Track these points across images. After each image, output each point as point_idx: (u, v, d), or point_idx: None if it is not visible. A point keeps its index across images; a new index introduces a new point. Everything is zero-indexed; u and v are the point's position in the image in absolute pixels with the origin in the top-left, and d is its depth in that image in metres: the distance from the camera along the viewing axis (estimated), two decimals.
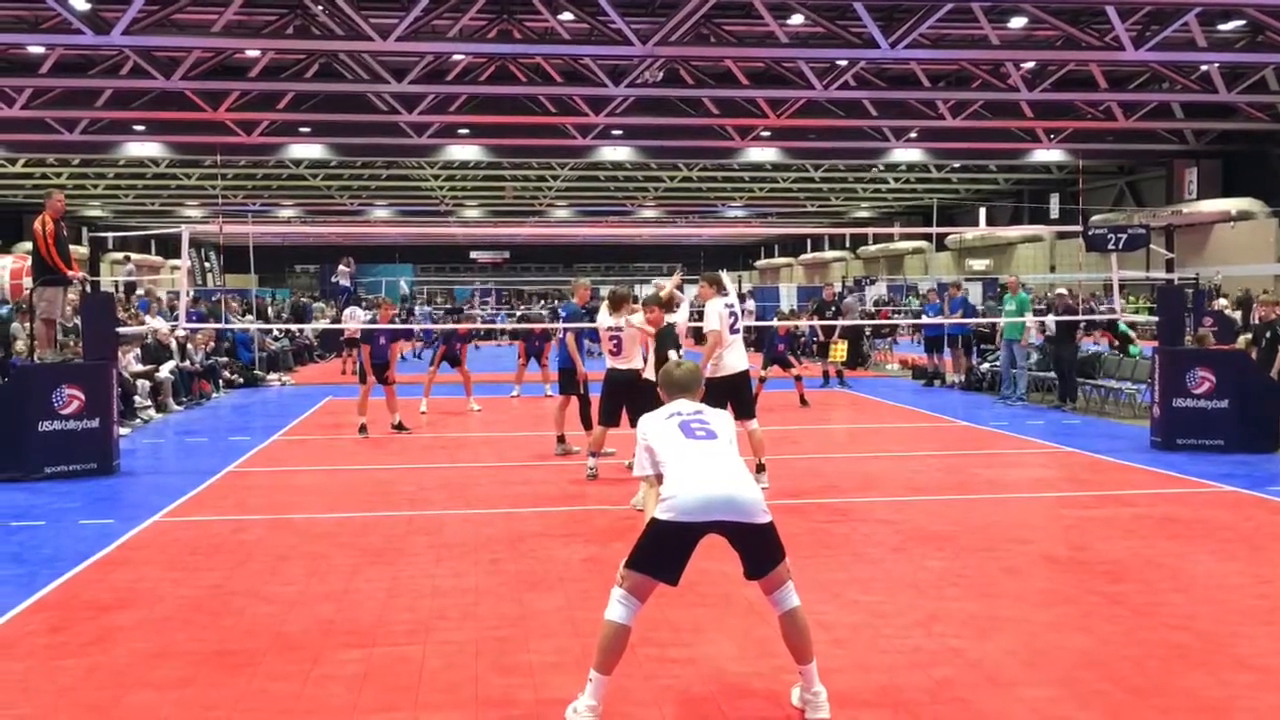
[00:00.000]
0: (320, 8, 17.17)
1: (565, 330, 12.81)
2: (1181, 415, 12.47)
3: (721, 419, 5.18)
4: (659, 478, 4.96)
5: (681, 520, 4.77)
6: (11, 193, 39.95)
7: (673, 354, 9.08)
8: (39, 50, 20.40)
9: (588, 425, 11.64)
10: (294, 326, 28.61)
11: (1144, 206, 37.50)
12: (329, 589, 6.94)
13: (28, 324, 14.41)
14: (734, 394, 9.95)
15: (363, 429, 14.00)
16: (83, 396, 11.18)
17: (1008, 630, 6.06)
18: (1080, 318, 18.07)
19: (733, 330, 10.20)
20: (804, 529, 8.58)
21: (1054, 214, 41.23)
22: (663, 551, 4.86)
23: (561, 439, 12.32)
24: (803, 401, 17.27)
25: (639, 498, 10.85)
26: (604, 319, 11.07)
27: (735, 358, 10.10)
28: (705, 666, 5.52)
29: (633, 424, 7.55)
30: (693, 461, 4.84)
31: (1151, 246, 16.12)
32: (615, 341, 10.74)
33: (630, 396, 10.13)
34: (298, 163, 34.65)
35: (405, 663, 5.59)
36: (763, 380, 16.40)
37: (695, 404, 5.25)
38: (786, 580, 4.96)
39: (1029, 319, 17.60)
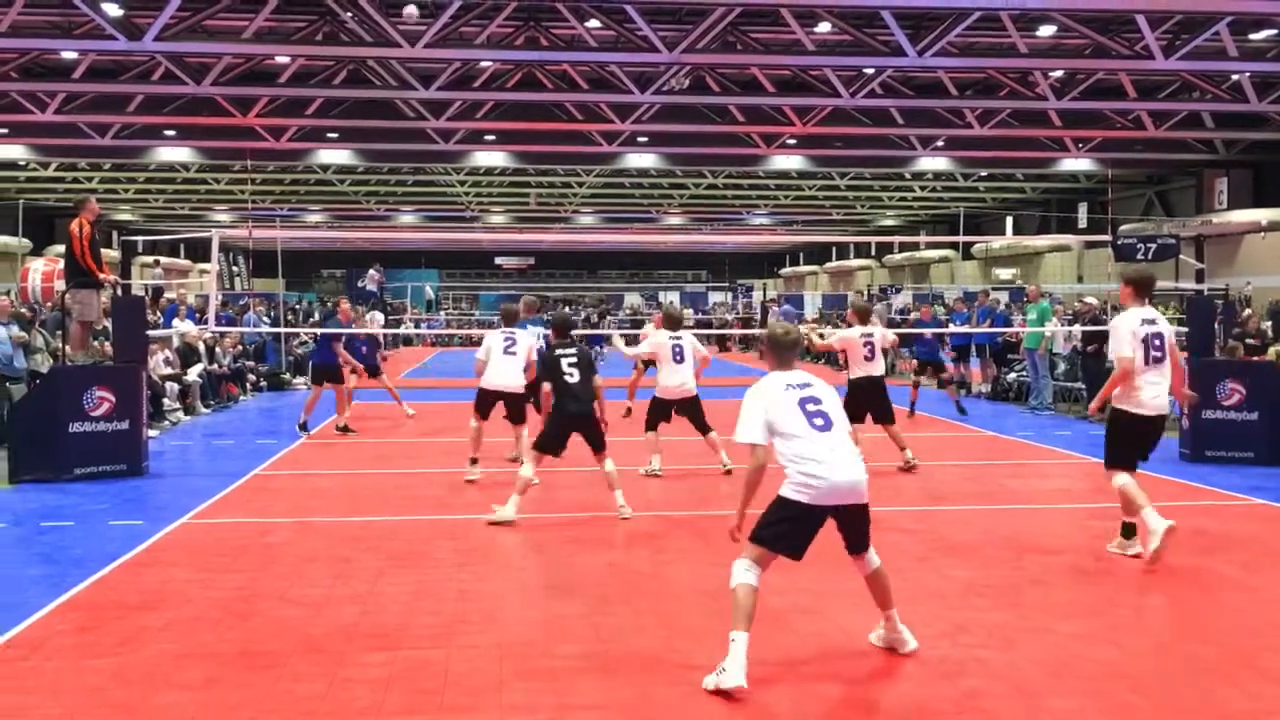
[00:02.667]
0: (349, 14, 17.27)
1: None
2: (1211, 427, 12.36)
3: (828, 395, 5.65)
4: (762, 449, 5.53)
5: (815, 504, 5.38)
6: (44, 196, 40.36)
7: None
8: (72, 55, 20.61)
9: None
10: (320, 331, 28.73)
11: (1173, 216, 37.17)
12: (353, 592, 6.97)
13: (39, 333, 14.58)
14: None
15: (304, 426, 14.73)
16: (113, 398, 11.29)
17: (1034, 641, 6.02)
18: (1108, 328, 17.91)
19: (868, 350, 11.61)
20: (830, 538, 8.51)
21: (1082, 223, 40.96)
22: (795, 530, 5.45)
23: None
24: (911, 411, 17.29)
25: (650, 467, 10.97)
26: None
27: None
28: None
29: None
30: (823, 451, 5.39)
31: (1181, 256, 15.98)
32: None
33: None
34: (325, 168, 34.86)
35: (429, 666, 5.61)
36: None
37: (802, 374, 5.70)
38: (870, 546, 5.71)
39: (1048, 329, 17.47)
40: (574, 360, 9.11)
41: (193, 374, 17.38)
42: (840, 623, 6.31)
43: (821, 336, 14.16)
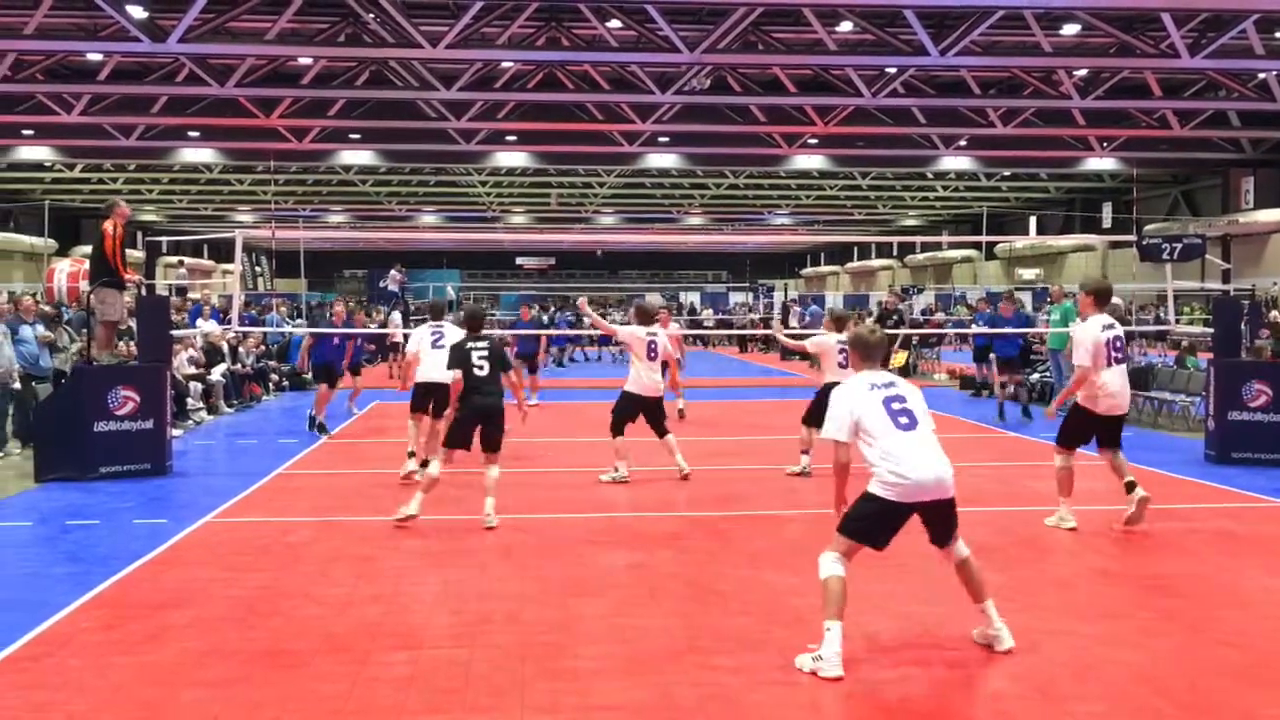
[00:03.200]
0: (372, 16, 17.34)
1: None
2: (1237, 428, 12.25)
3: (912, 394, 5.91)
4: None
5: (903, 501, 5.62)
6: (69, 197, 40.72)
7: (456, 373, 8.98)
8: (97, 57, 20.81)
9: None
10: (342, 331, 28.86)
11: (1199, 216, 36.93)
12: (376, 591, 6.99)
13: (64, 330, 14.69)
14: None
15: (321, 426, 14.70)
16: (137, 398, 11.37)
17: (1058, 644, 5.98)
18: (1132, 329, 17.79)
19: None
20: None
21: (1106, 223, 40.74)
22: (880, 525, 5.69)
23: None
24: None
25: (613, 473, 10.85)
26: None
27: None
28: (751, 675, 5.49)
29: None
30: (908, 450, 5.64)
31: (1207, 257, 15.83)
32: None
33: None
34: (348, 169, 35.04)
35: (452, 666, 5.62)
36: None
37: (886, 374, 5.97)
38: (959, 538, 5.88)
39: (1072, 329, 17.33)
40: (484, 354, 9.04)
41: (216, 374, 17.48)
42: (861, 624, 6.28)
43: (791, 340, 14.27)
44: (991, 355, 18.03)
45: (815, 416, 11.15)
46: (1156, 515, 9.56)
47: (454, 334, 10.53)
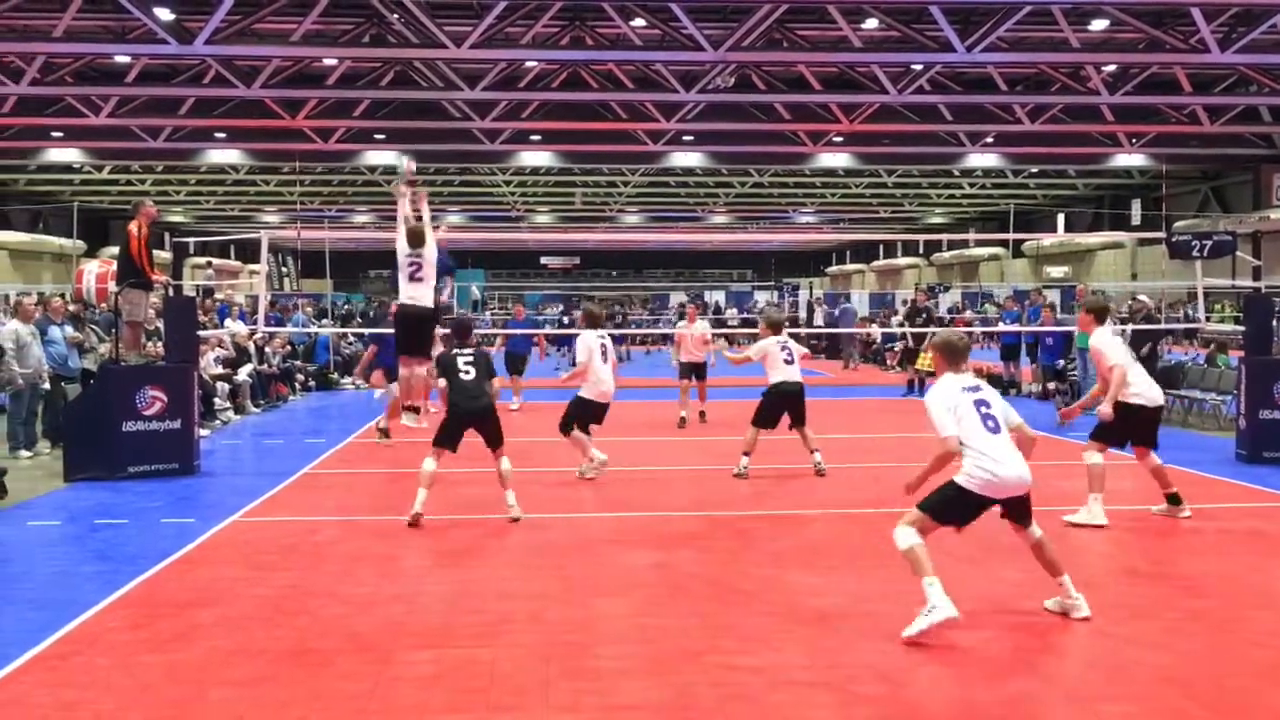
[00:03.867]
0: (396, 16, 17.41)
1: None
2: (1268, 427, 12.11)
3: (996, 398, 6.56)
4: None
5: (985, 495, 6.24)
6: (98, 199, 41.09)
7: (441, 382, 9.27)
8: (125, 60, 20.97)
9: None
10: (369, 331, 29.01)
11: (1230, 212, 36.52)
12: (400, 590, 7.02)
13: (92, 330, 14.80)
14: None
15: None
16: (165, 398, 11.45)
17: (1086, 644, 5.94)
18: (1161, 327, 17.63)
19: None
20: (876, 539, 8.46)
21: (1135, 220, 40.36)
22: (960, 510, 6.31)
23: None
24: None
25: (586, 466, 10.82)
26: None
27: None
28: (773, 675, 5.47)
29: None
30: (996, 450, 6.28)
31: (1238, 253, 15.66)
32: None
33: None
34: (373, 169, 35.18)
35: (474, 665, 5.63)
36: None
37: (972, 377, 6.63)
38: (1035, 522, 6.51)
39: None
40: (470, 360, 9.28)
41: (243, 374, 17.59)
42: (885, 624, 6.24)
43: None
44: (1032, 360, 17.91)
45: (762, 417, 11.11)
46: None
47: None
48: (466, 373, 9.22)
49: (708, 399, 16.06)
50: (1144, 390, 9.26)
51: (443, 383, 9.28)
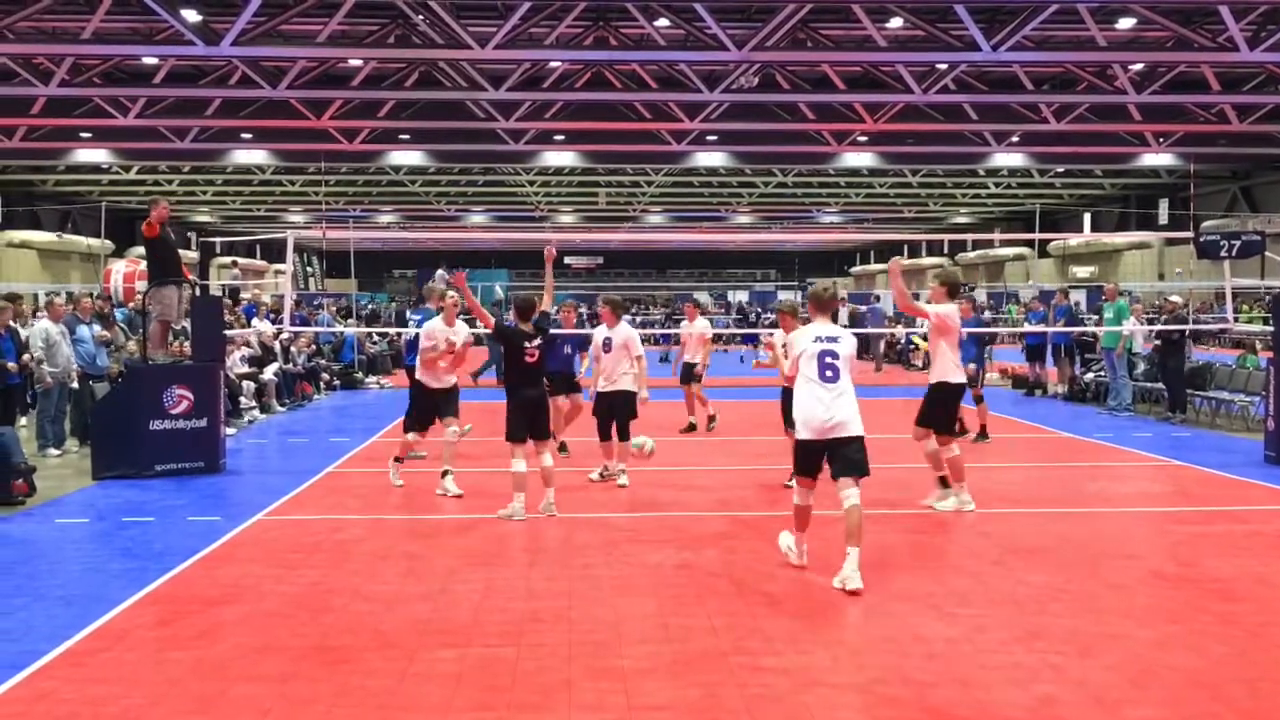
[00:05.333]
0: (421, 17, 17.44)
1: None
2: None
3: (846, 354, 7.23)
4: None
5: (815, 438, 7.10)
6: (125, 199, 41.41)
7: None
8: (152, 61, 21.09)
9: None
10: (394, 330, 29.18)
11: (1259, 212, 36.16)
12: (425, 589, 7.04)
13: (120, 329, 14.93)
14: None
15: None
16: (192, 397, 11.53)
17: (1112, 648, 5.88)
18: (1188, 327, 17.46)
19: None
20: (901, 540, 8.45)
21: (1163, 220, 40.02)
22: (806, 458, 7.30)
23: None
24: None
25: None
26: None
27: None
28: (799, 676, 5.46)
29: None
30: (826, 397, 7.07)
31: (1267, 253, 15.49)
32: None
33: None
34: (397, 169, 35.29)
35: (499, 664, 5.64)
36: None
37: (832, 328, 7.34)
38: (855, 487, 7.09)
39: (1126, 327, 17.05)
40: (537, 345, 9.28)
41: (268, 373, 17.69)
42: (910, 626, 6.21)
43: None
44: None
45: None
46: (1215, 517, 9.39)
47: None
48: (532, 356, 9.22)
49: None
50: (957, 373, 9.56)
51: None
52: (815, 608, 6.61)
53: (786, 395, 10.44)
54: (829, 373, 7.12)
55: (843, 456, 7.08)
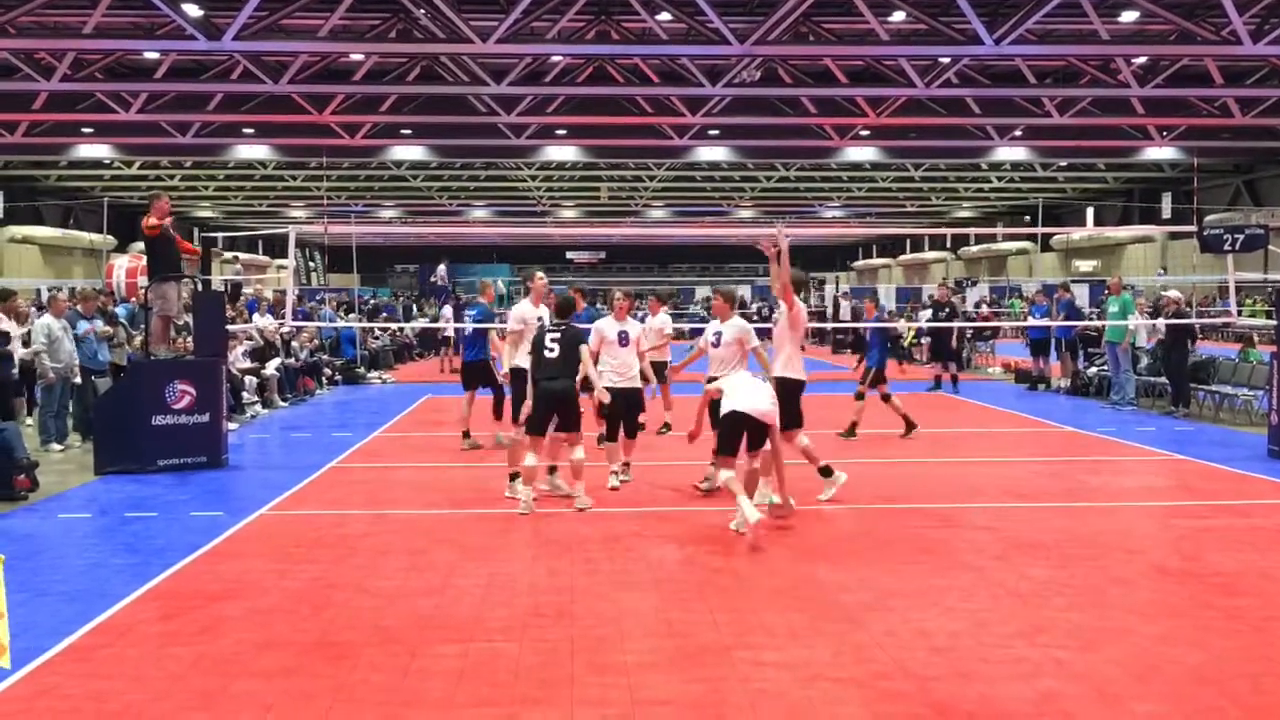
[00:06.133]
0: (422, 11, 17.42)
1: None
2: None
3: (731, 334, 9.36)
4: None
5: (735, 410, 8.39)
6: (128, 194, 41.42)
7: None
8: (154, 56, 21.09)
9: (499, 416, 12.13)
10: (395, 325, 29.21)
11: (1262, 205, 36.11)
12: (427, 584, 7.03)
13: (122, 326, 14.92)
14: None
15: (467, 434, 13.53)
16: (194, 392, 11.53)
17: (1115, 642, 5.87)
18: (1192, 321, 17.44)
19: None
20: (904, 534, 8.44)
21: (1166, 214, 39.95)
22: (730, 430, 8.44)
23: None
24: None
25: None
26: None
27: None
28: (801, 670, 5.45)
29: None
30: (737, 384, 8.64)
31: (1270, 247, 15.43)
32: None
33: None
34: (399, 164, 35.26)
35: (501, 659, 5.63)
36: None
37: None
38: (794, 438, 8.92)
39: (1132, 322, 17.03)
40: (557, 337, 9.30)
41: (270, 368, 17.69)
42: (913, 621, 6.21)
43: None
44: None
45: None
46: (1218, 512, 9.37)
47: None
48: (551, 350, 9.24)
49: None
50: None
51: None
52: (817, 602, 6.60)
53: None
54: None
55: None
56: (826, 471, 9.61)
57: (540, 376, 9.22)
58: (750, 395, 8.49)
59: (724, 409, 8.46)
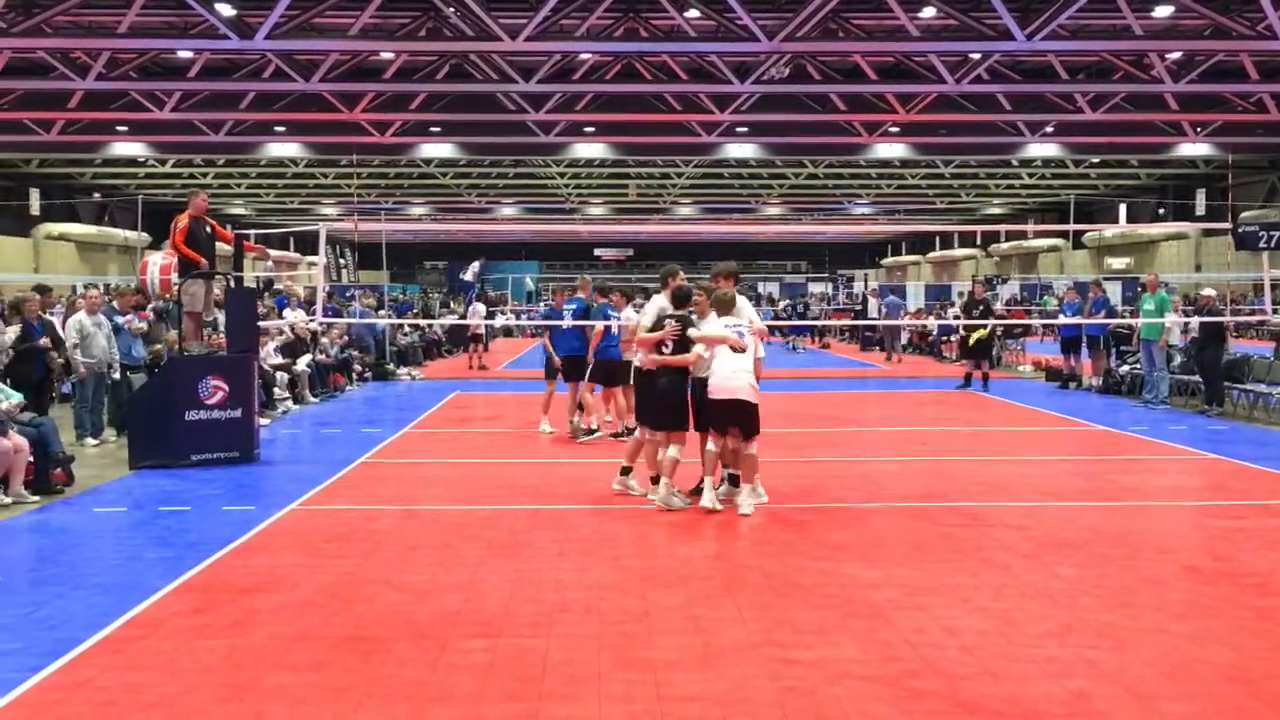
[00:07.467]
0: (452, 10, 17.49)
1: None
2: None
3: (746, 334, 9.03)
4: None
5: (716, 396, 8.86)
6: (162, 192, 41.85)
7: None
8: (188, 55, 21.30)
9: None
10: (424, 322, 29.36)
11: None
12: (456, 579, 7.07)
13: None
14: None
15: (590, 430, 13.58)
16: (226, 387, 11.63)
17: (1147, 642, 5.83)
18: (1226, 319, 17.26)
19: None
20: (933, 533, 8.41)
21: (1200, 210, 39.54)
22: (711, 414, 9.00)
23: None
24: None
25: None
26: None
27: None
28: (830, 669, 5.44)
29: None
30: (725, 369, 8.89)
31: None
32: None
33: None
34: (429, 162, 35.43)
35: (529, 654, 5.66)
36: None
37: (735, 319, 9.16)
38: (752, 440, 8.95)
39: (1168, 319, 16.86)
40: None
41: (301, 364, 17.82)
42: (942, 619, 6.18)
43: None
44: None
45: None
46: (1252, 511, 9.28)
47: None
48: (666, 346, 9.29)
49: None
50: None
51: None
52: (845, 600, 6.59)
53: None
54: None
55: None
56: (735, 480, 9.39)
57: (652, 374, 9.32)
58: (730, 378, 8.88)
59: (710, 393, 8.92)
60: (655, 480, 9.42)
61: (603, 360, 13.10)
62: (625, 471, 9.85)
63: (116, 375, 13.61)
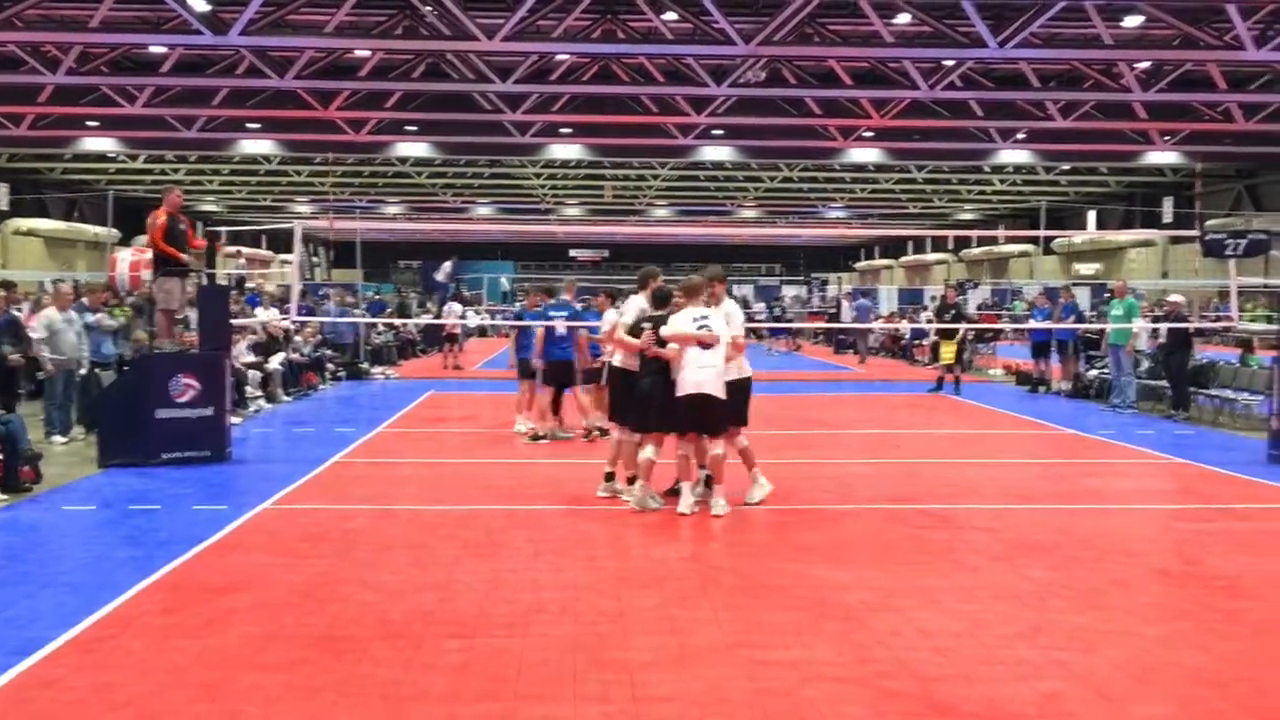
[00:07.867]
0: (429, 8, 17.43)
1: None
2: None
3: (719, 326, 8.99)
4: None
5: (681, 392, 8.82)
6: (132, 188, 41.46)
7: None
8: (160, 50, 21.10)
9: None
10: (399, 321, 29.24)
11: (1263, 211, 36.13)
12: (431, 579, 7.06)
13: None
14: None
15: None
16: (198, 385, 11.54)
17: (1116, 644, 5.90)
18: (1192, 325, 17.45)
19: None
20: (904, 535, 8.47)
21: (1167, 218, 39.97)
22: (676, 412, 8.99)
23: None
24: None
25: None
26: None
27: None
28: (805, 670, 5.47)
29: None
30: (693, 363, 8.82)
31: (1272, 252, 15.44)
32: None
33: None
34: (404, 161, 35.29)
35: (504, 654, 5.66)
36: None
37: (703, 309, 9.06)
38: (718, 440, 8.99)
39: (1137, 325, 17.04)
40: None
41: (274, 362, 17.71)
42: (915, 621, 6.23)
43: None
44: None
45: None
46: (1219, 515, 9.40)
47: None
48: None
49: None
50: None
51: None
52: (819, 601, 6.62)
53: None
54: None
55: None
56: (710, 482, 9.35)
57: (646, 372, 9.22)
58: (695, 373, 8.84)
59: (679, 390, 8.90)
60: (632, 481, 9.42)
61: (551, 362, 13.22)
62: (609, 477, 9.83)
63: (85, 371, 13.47)
